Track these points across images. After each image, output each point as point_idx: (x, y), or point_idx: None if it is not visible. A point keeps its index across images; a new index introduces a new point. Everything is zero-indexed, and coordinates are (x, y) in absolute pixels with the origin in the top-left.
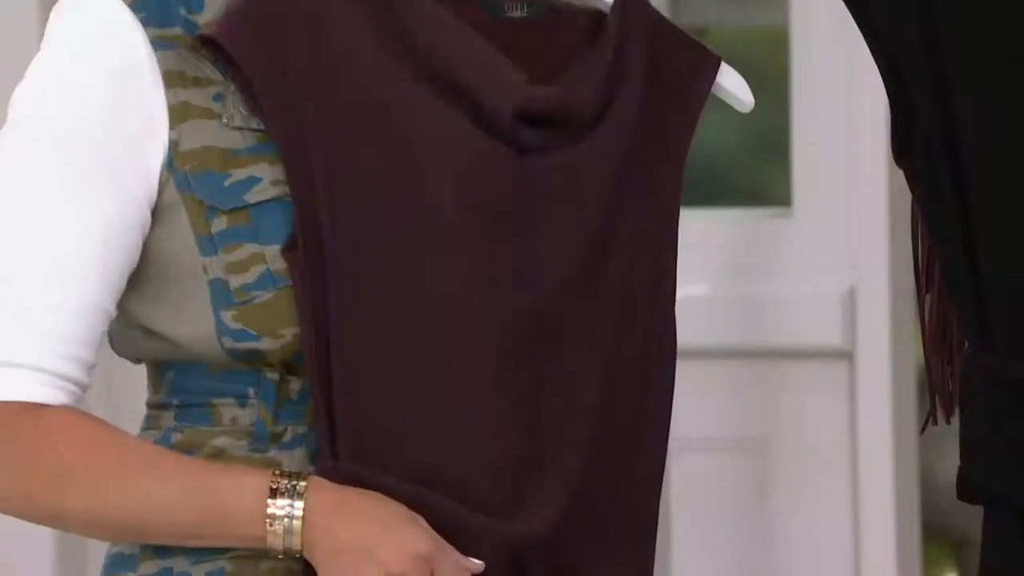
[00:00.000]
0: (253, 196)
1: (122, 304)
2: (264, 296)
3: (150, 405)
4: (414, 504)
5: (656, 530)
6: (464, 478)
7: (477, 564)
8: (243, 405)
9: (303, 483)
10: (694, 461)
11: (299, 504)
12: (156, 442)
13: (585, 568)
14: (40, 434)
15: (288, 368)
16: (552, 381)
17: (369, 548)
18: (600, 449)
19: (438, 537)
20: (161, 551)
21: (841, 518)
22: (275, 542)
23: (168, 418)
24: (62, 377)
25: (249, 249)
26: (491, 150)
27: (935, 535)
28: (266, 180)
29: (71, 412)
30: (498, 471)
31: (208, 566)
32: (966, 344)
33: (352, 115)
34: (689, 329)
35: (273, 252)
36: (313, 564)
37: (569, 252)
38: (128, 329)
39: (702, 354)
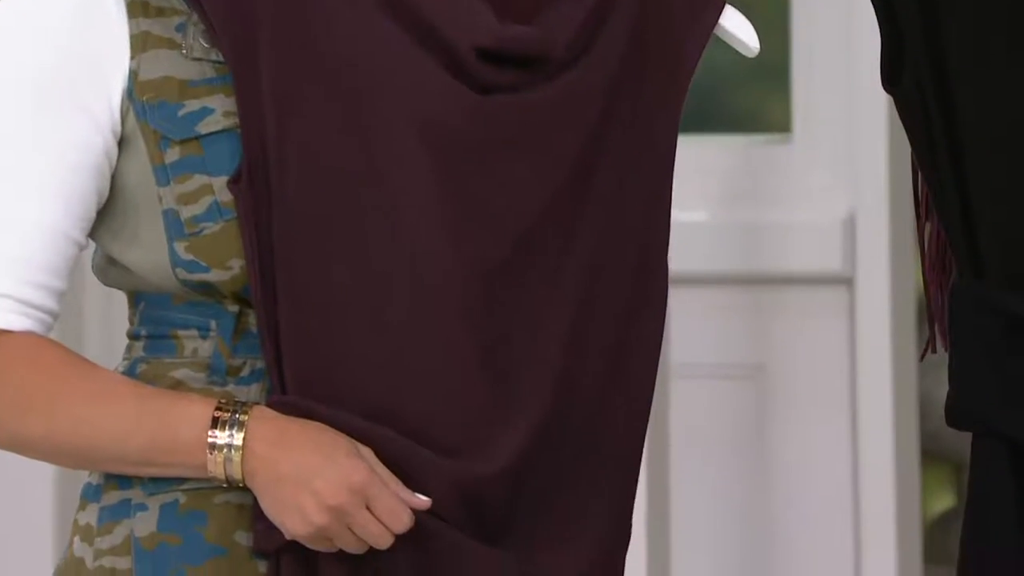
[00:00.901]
0: (205, 127)
1: (95, 235)
2: (212, 228)
3: (127, 335)
4: (362, 439)
5: (639, 467)
6: (418, 416)
7: (422, 500)
8: (204, 337)
9: (245, 415)
10: (692, 388)
11: (239, 434)
12: (124, 372)
13: (550, 510)
14: (1, 360)
15: (245, 301)
16: (519, 324)
17: (306, 479)
18: (570, 392)
19: (380, 469)
20: (122, 482)
21: (840, 444)
22: (216, 471)
23: (138, 348)
24: (27, 303)
25: (199, 180)
26: (454, 90)
27: (934, 459)
28: (219, 111)
29: (33, 338)
30: (455, 410)
31: (164, 497)
32: (955, 272)
33: (312, 52)
34: (687, 256)
35: (221, 183)
36: (254, 493)
37: (540, 194)
38: (101, 259)
39: (701, 281)
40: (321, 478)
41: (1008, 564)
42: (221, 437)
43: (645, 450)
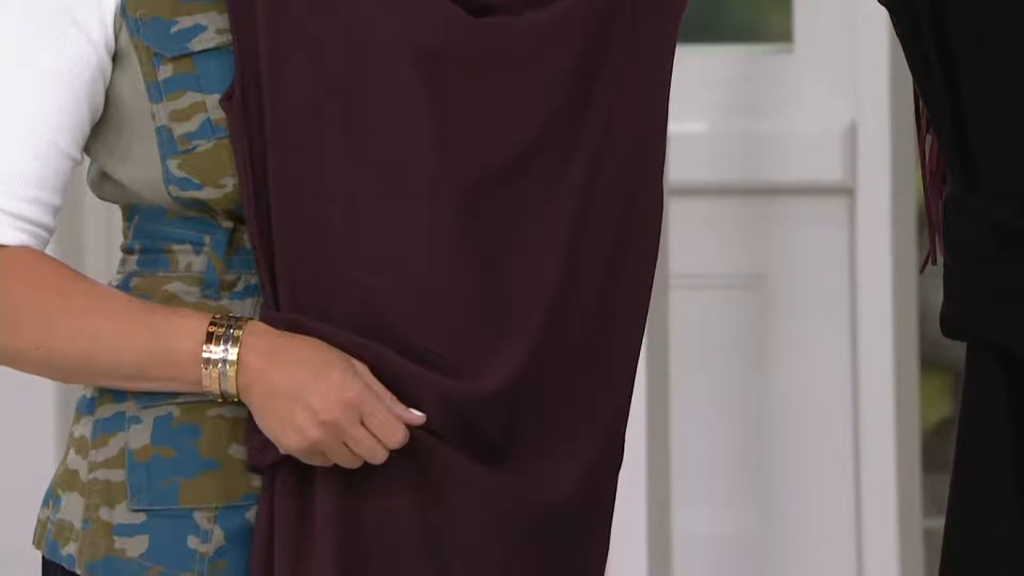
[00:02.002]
0: (197, 44)
1: (90, 150)
2: (205, 145)
3: (121, 249)
4: (355, 355)
5: (632, 388)
6: (412, 332)
7: (416, 415)
8: (198, 252)
9: (240, 329)
10: (693, 298)
11: (234, 349)
12: (117, 286)
13: (543, 430)
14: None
15: (239, 217)
16: (515, 241)
17: (300, 393)
18: (566, 310)
19: (374, 384)
20: (117, 396)
21: (839, 353)
22: (211, 385)
23: (132, 262)
24: (21, 218)
25: (191, 97)
26: (449, 12)
27: (933, 368)
28: (211, 28)
29: (28, 253)
30: (450, 326)
31: (157, 411)
32: (949, 183)
33: None
34: (688, 166)
35: (213, 101)
36: (250, 408)
37: (535, 113)
38: (95, 174)
39: (701, 191)
40: (315, 393)
41: (1001, 474)
42: (215, 352)
43: (645, 361)
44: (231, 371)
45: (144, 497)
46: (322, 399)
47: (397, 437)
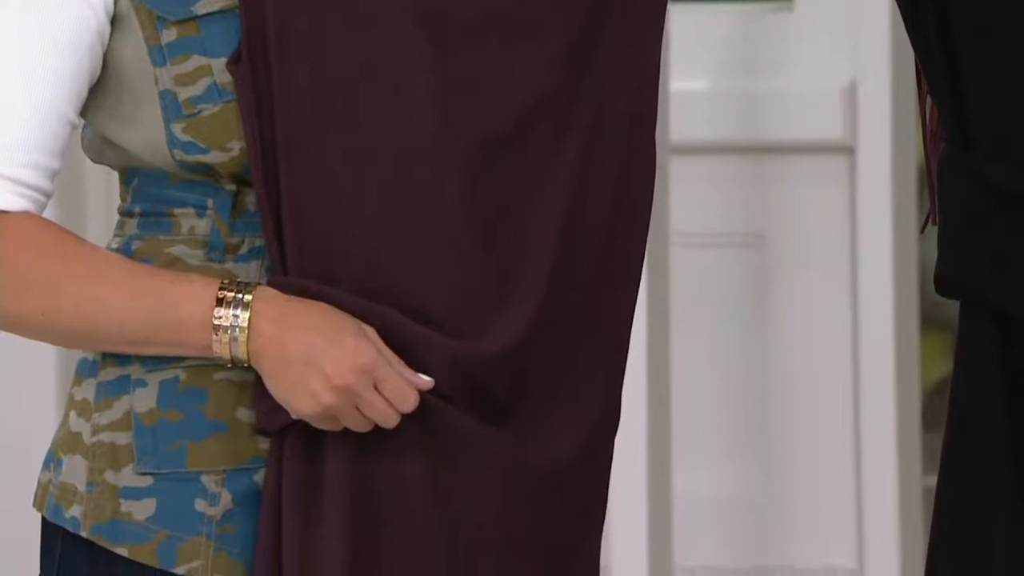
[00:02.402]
0: (202, 7)
1: (87, 114)
2: (211, 109)
3: (119, 212)
4: (364, 318)
5: (628, 349)
6: (418, 295)
7: (426, 380)
8: (201, 215)
9: (249, 294)
10: (693, 257)
11: (244, 315)
12: (117, 249)
13: (546, 393)
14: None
15: (243, 180)
16: (518, 202)
17: (314, 359)
18: (568, 271)
19: (384, 349)
20: (120, 359)
21: (840, 312)
22: (221, 351)
23: (132, 226)
24: (21, 183)
25: (196, 61)
26: None
27: (933, 327)
28: None
29: (30, 218)
30: (455, 289)
31: (163, 374)
32: (945, 143)
33: None
34: (689, 124)
35: (219, 65)
36: (260, 373)
37: (538, 74)
38: (94, 138)
39: (701, 150)
40: (329, 358)
41: (993, 431)
42: (226, 317)
43: (645, 319)
44: (242, 337)
45: (151, 460)
46: (336, 365)
47: (409, 401)
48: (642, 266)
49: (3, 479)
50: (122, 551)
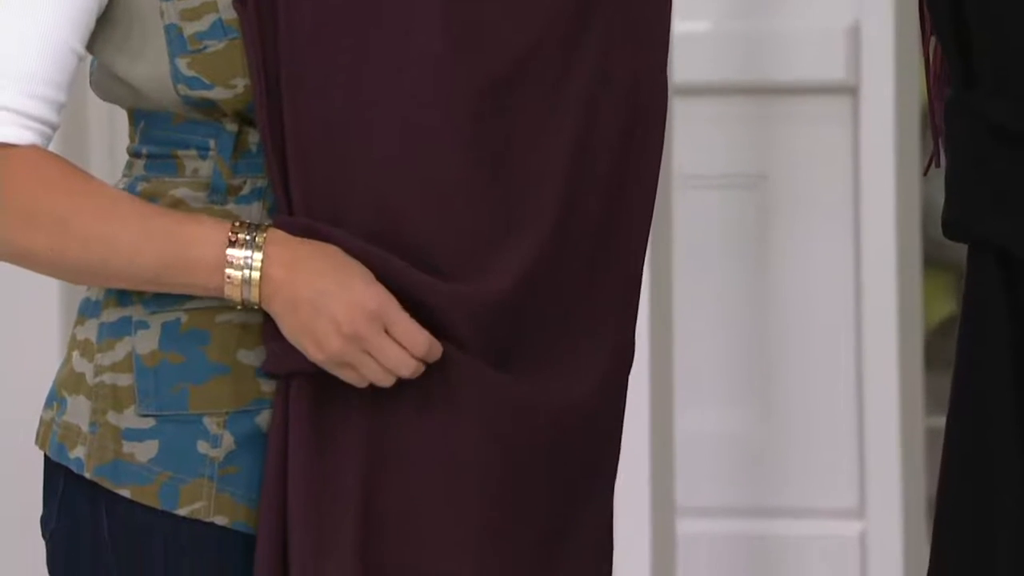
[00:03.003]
0: None
1: (95, 48)
2: (216, 46)
3: (128, 152)
4: (367, 262)
5: (640, 286)
6: (425, 237)
7: (429, 338)
8: (204, 157)
9: (262, 235)
10: (696, 198)
11: (257, 256)
12: (123, 189)
13: (554, 333)
14: (6, 174)
15: (246, 120)
16: (520, 149)
17: (323, 304)
18: (574, 209)
19: (390, 296)
20: (123, 299)
21: (842, 252)
22: (233, 293)
23: (139, 167)
24: (28, 116)
25: None
26: None
27: (937, 267)
28: None
29: (37, 152)
30: (462, 230)
31: (165, 316)
32: (951, 84)
33: None
34: (691, 66)
35: (225, 2)
36: (271, 314)
37: (543, 11)
38: (102, 75)
39: (705, 91)
40: (338, 302)
41: (1000, 373)
42: (238, 260)
43: (649, 260)
44: (255, 279)
45: (152, 402)
46: (345, 309)
47: (420, 342)
48: (654, 199)
49: (7, 416)
50: (124, 492)
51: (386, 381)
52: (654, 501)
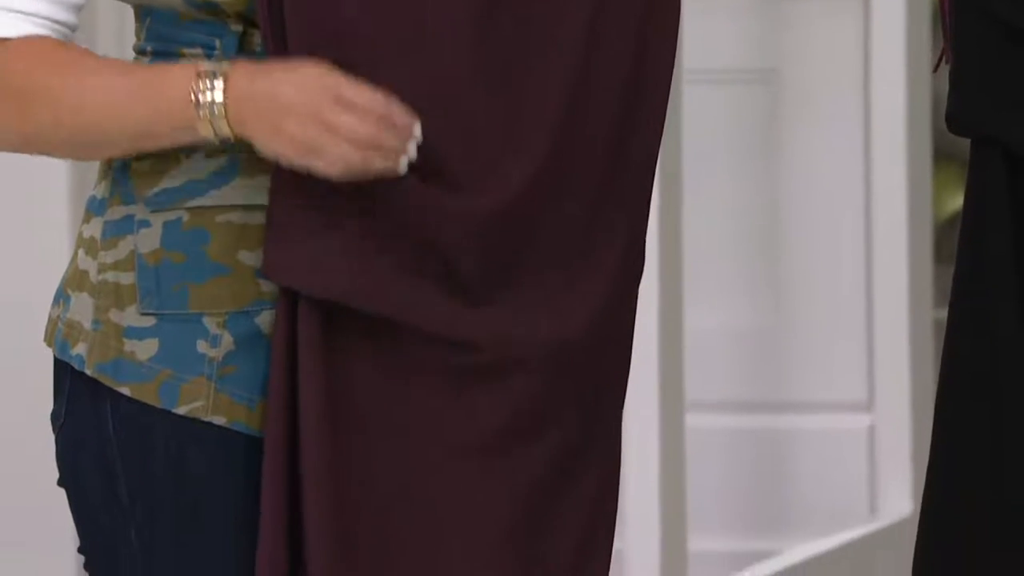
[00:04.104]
0: None
1: None
2: None
3: (134, 50)
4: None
5: (651, 191)
6: (430, 143)
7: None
8: (209, 56)
9: (226, 65)
10: (705, 94)
11: (219, 83)
12: None
13: (564, 244)
14: (4, 62)
15: (250, 21)
16: (529, 53)
17: (279, 95)
18: (584, 111)
19: (342, 76)
20: (126, 197)
21: (852, 146)
22: (204, 130)
23: (144, 64)
24: (25, 13)
25: None
26: None
27: (948, 159)
28: None
29: (31, 40)
30: (463, 133)
31: (167, 215)
32: None
33: None
34: None
35: None
36: (252, 140)
37: None
38: None
39: None
40: (292, 86)
41: (1003, 267)
42: (204, 89)
43: (658, 156)
44: (219, 107)
45: (153, 301)
46: (297, 92)
47: (377, 100)
48: (667, 98)
49: (18, 315)
50: (124, 390)
51: (357, 158)
52: (663, 396)
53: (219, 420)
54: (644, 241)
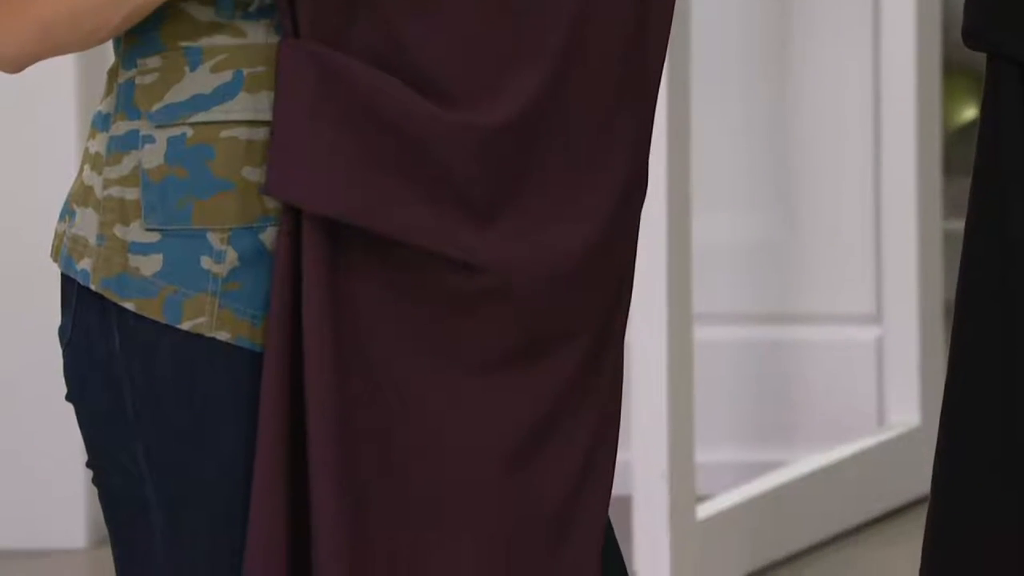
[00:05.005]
0: None
1: None
2: None
3: None
4: (370, 88)
5: (655, 106)
6: (429, 58)
7: None
8: None
9: None
10: (714, 4)
11: None
12: None
13: (565, 161)
14: None
15: None
16: None
17: None
18: (587, 24)
19: None
20: (131, 113)
21: (862, 55)
22: None
23: None
24: None
25: None
26: None
27: (959, 70)
28: None
29: None
30: (465, 51)
31: (171, 131)
32: None
33: None
34: None
35: None
36: None
37: None
38: None
39: None
40: None
41: (1018, 179)
42: None
43: (666, 65)
44: None
45: (158, 216)
46: None
47: None
48: (672, 19)
49: (28, 232)
50: (129, 305)
51: None
52: (671, 308)
53: (223, 336)
54: (648, 157)
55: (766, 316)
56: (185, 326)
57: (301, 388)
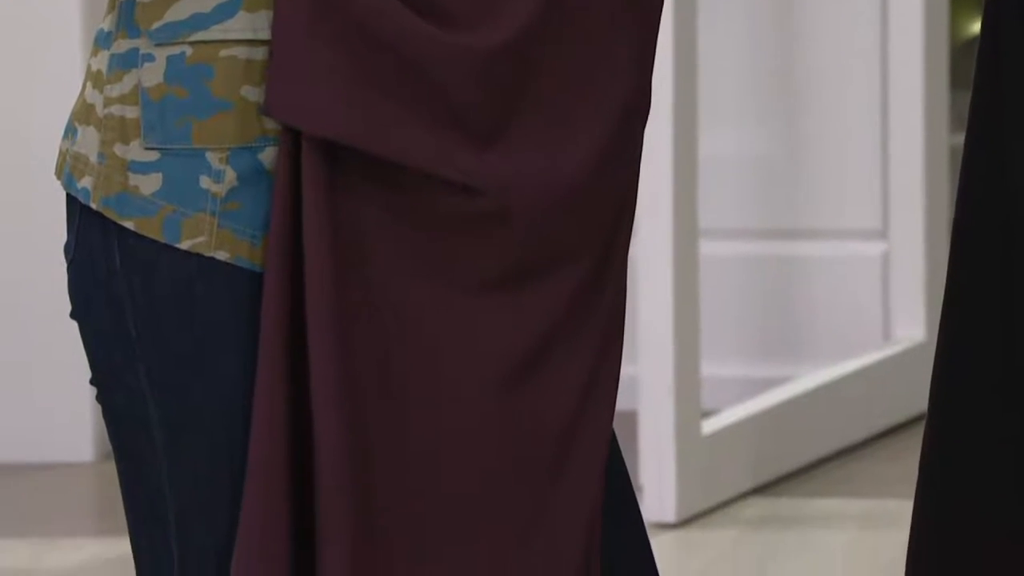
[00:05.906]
0: None
1: None
2: None
3: None
4: (368, 12)
5: (656, 40)
6: None
7: None
8: None
9: None
10: None
11: None
12: None
13: (565, 85)
14: None
15: None
16: None
17: None
18: None
19: None
20: (131, 31)
21: None
22: None
23: None
24: None
25: None
26: None
27: None
28: None
29: None
30: None
31: (170, 49)
32: None
33: None
34: None
35: None
36: None
37: None
38: None
39: None
40: None
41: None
42: None
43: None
44: None
45: (157, 135)
46: None
47: None
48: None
49: (34, 149)
50: (129, 224)
51: None
52: (676, 223)
53: (222, 255)
54: (650, 81)
55: (772, 232)
56: (184, 245)
57: (301, 309)
